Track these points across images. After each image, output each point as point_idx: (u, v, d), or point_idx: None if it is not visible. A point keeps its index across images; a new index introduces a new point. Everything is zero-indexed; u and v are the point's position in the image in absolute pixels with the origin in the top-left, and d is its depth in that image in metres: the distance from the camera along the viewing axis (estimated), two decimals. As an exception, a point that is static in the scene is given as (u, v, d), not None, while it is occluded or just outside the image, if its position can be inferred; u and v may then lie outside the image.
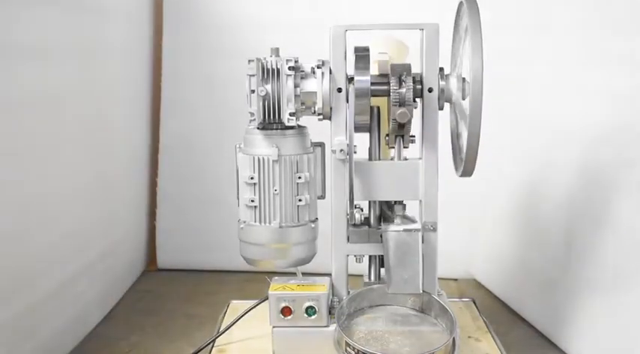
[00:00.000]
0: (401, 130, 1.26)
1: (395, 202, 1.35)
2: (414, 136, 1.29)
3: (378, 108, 1.31)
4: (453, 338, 1.21)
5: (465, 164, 1.24)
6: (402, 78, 1.22)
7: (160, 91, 2.32)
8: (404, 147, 1.30)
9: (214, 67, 2.23)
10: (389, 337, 1.23)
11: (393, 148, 1.30)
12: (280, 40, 1.35)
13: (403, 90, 1.22)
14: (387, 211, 1.36)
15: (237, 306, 1.55)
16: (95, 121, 1.87)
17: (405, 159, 1.31)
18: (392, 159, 1.32)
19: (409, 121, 1.24)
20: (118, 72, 2.04)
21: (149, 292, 2.17)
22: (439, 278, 1.34)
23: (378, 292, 1.33)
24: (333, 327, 1.27)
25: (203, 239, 2.32)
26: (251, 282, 2.09)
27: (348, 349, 1.19)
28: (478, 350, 1.37)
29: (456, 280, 2.21)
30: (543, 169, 1.83)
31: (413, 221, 1.32)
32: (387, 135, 1.30)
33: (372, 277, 1.39)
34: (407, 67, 1.24)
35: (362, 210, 1.37)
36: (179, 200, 2.34)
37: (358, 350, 1.16)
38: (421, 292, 1.25)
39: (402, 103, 1.22)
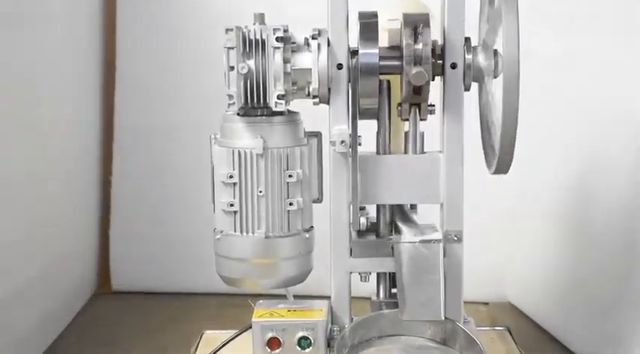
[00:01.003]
0: (417, 97, 1.25)
1: (410, 206, 1.35)
2: (433, 106, 1.28)
3: (388, 82, 1.30)
4: None
5: (500, 158, 1.24)
6: (418, 30, 1.21)
7: (115, 69, 2.32)
8: (421, 119, 1.29)
9: (177, 42, 2.25)
10: None
11: (407, 120, 1.29)
12: (265, 4, 1.35)
13: (419, 45, 1.21)
14: (399, 217, 1.36)
15: (213, 337, 1.54)
16: (28, 106, 1.86)
17: (423, 151, 1.31)
18: (405, 152, 1.32)
19: (427, 84, 1.23)
20: (60, 44, 2.04)
21: (101, 319, 2.17)
22: (465, 302, 1.34)
23: (390, 318, 1.32)
24: None
25: (169, 254, 2.33)
26: (230, 307, 2.09)
27: None
28: None
29: (486, 303, 2.21)
30: (595, 166, 1.84)
31: (432, 230, 1.31)
32: (399, 104, 1.28)
33: (382, 298, 1.39)
34: (424, 18, 1.23)
35: (368, 213, 1.37)
36: (138, 204, 2.34)
37: None
38: (443, 318, 1.25)
39: (417, 62, 1.21)
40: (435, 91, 1.27)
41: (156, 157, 2.33)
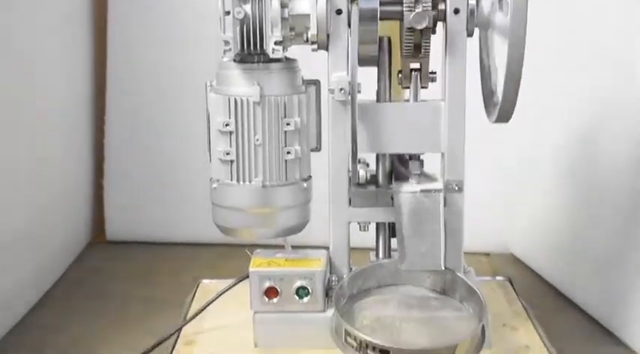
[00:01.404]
0: (416, 55, 1.27)
1: (410, 155, 1.37)
2: (434, 73, 1.31)
3: (389, 39, 1.33)
4: (482, 326, 1.23)
5: (502, 105, 1.25)
6: None
7: (106, 17, 2.32)
8: (422, 87, 1.32)
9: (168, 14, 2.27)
10: (401, 325, 1.25)
11: (408, 88, 1.32)
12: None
13: None
14: (399, 166, 1.38)
15: (209, 287, 1.57)
16: (17, 55, 1.86)
17: (424, 100, 1.33)
18: (407, 100, 1.35)
19: (427, 37, 1.24)
20: (52, 21, 2.04)
21: (96, 270, 2.20)
22: (466, 252, 1.37)
23: (389, 268, 1.35)
24: (330, 312, 1.30)
25: (165, 203, 2.35)
26: (226, 257, 2.12)
27: (348, 339, 1.21)
28: (514, 341, 1.39)
29: (487, 254, 2.24)
30: (604, 113, 1.82)
31: (433, 179, 1.34)
32: (400, 72, 1.31)
33: (381, 251, 1.42)
34: None
35: (368, 165, 1.40)
36: (133, 151, 2.35)
37: (362, 341, 1.17)
38: (443, 268, 1.28)
39: (418, 4, 1.23)
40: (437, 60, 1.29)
41: (150, 104, 2.33)
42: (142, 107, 2.35)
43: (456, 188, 1.33)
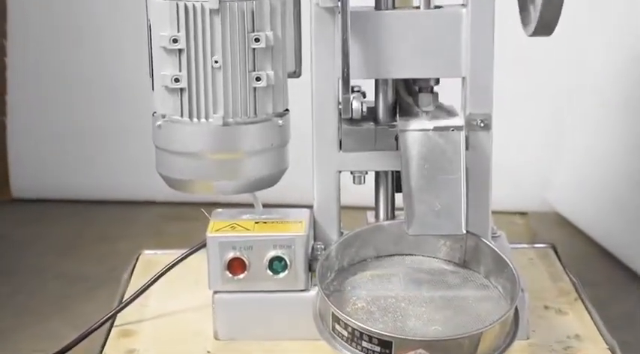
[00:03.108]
0: None
1: (419, 81, 1.36)
2: None
3: None
4: (516, 310, 1.24)
5: (543, 11, 1.26)
6: None
7: None
8: None
9: None
10: (407, 308, 1.25)
11: None
12: None
13: None
14: (406, 97, 1.38)
15: (153, 260, 1.58)
16: None
17: (439, 7, 1.33)
18: (416, 7, 1.34)
19: None
20: None
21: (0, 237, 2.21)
22: (495, 211, 1.38)
23: (391, 233, 1.36)
24: (314, 292, 1.30)
25: (90, 148, 2.37)
26: (175, 220, 2.12)
27: (337, 326, 1.21)
28: (560, 329, 1.40)
29: (524, 213, 2.27)
30: None
31: (450, 113, 1.35)
32: None
33: (382, 210, 1.43)
34: None
35: (364, 96, 1.39)
36: (45, 84, 2.38)
37: (354, 329, 1.18)
38: (463, 232, 1.28)
39: None
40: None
41: (62, 20, 2.37)
42: (48, 45, 2.38)
43: (482, 125, 1.33)
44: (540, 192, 2.27)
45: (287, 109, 1.35)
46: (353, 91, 1.33)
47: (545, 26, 1.29)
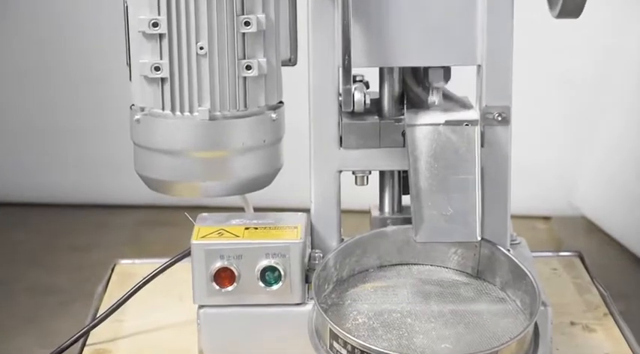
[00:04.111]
0: None
1: (428, 70, 1.34)
2: None
3: None
4: (536, 326, 1.23)
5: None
6: None
7: None
8: None
9: None
10: (414, 324, 1.24)
11: None
12: None
13: None
14: (414, 87, 1.37)
15: (130, 270, 1.58)
16: None
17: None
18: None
19: None
20: None
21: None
22: (515, 216, 1.37)
23: (396, 239, 1.35)
24: (310, 306, 1.30)
25: (61, 147, 2.37)
26: (155, 225, 2.13)
27: (335, 344, 1.21)
28: (588, 347, 1.40)
29: (548, 218, 2.26)
30: None
31: (464, 106, 1.34)
32: None
33: (387, 213, 1.43)
34: None
35: (367, 86, 1.38)
36: (18, 74, 2.38)
37: (354, 347, 1.18)
38: (478, 239, 1.27)
39: None
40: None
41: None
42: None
43: (499, 119, 1.32)
44: (565, 194, 2.26)
45: (281, 102, 1.35)
46: (355, 81, 1.33)
47: (573, 6, 1.28)
